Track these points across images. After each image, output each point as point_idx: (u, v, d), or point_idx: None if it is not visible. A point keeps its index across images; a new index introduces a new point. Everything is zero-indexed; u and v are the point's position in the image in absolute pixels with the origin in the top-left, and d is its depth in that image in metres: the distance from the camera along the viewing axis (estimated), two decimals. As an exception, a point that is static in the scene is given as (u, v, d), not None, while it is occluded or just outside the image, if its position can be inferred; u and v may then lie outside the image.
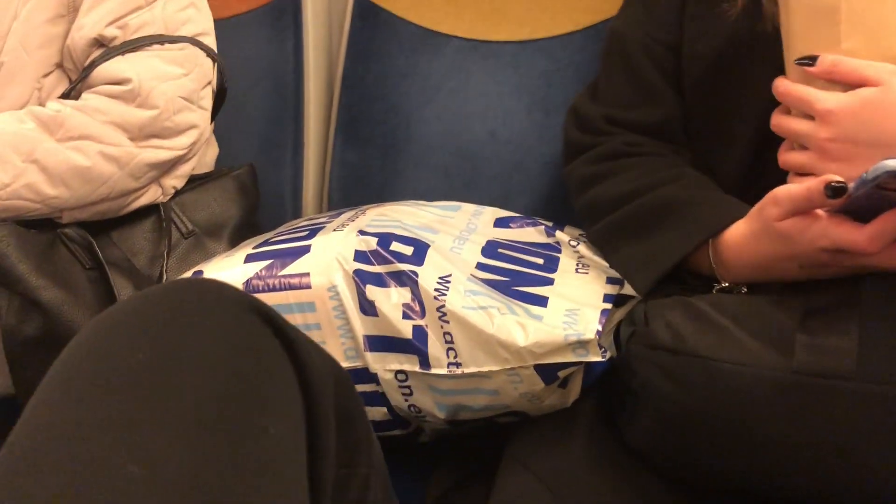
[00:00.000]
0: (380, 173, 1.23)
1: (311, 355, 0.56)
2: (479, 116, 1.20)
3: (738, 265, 0.74)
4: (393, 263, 0.79)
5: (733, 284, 0.75)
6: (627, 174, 0.86)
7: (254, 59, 1.28)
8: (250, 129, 1.28)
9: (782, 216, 0.68)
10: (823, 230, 0.65)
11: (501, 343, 0.74)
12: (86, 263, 0.92)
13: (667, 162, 0.87)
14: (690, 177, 0.84)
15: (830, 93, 0.69)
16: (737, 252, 0.74)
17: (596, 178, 0.89)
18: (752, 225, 0.72)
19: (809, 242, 0.66)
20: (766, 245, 0.70)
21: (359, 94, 1.25)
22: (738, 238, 0.74)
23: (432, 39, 1.23)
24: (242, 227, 1.05)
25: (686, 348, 0.67)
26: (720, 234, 0.75)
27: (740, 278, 0.75)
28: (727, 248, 0.75)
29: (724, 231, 0.75)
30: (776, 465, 0.66)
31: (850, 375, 0.61)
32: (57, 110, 0.89)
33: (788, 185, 0.67)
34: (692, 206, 0.79)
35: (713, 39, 0.81)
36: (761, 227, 0.70)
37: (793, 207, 0.67)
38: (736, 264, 0.74)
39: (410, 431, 0.88)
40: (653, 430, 0.73)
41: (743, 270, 0.74)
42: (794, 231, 0.67)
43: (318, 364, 0.57)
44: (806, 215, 0.66)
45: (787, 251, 0.69)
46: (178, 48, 0.95)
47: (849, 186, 0.61)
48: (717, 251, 0.76)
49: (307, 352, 0.56)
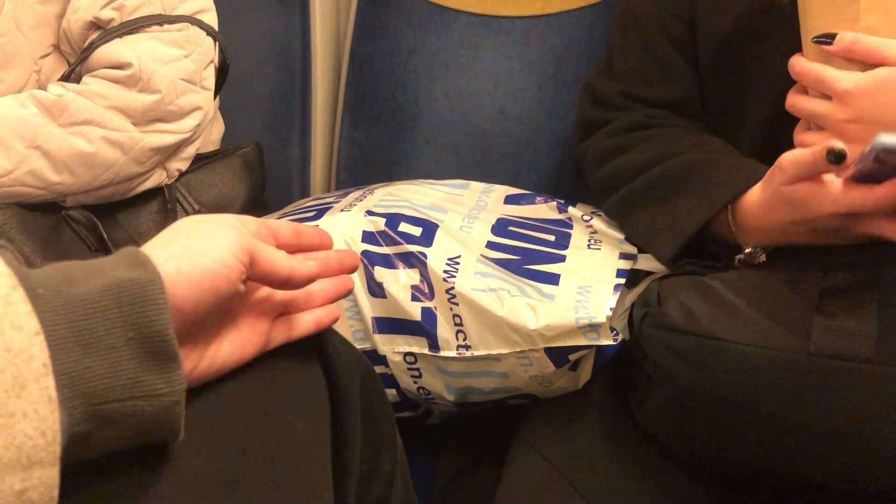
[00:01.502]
0: (388, 152, 1.22)
1: (338, 351, 0.56)
2: (488, 93, 1.18)
3: (756, 229, 0.73)
4: (401, 244, 0.78)
5: (755, 249, 0.74)
6: (650, 143, 0.84)
7: (261, 36, 1.27)
8: (257, 107, 1.27)
9: (788, 181, 0.66)
10: (832, 195, 0.64)
11: (511, 326, 0.73)
12: (91, 245, 0.92)
13: (689, 131, 0.85)
14: (713, 143, 0.82)
15: (848, 73, 0.67)
16: (753, 216, 0.73)
17: (617, 149, 0.87)
18: (764, 190, 0.71)
19: (818, 207, 0.65)
20: (778, 210, 0.69)
21: (367, 71, 1.23)
22: (754, 202, 0.73)
23: (441, 15, 1.21)
24: (249, 206, 1.04)
25: (700, 329, 0.66)
26: (739, 198, 0.74)
27: (760, 242, 0.74)
28: (744, 212, 0.73)
29: (743, 195, 0.74)
30: (791, 447, 0.65)
31: (869, 358, 0.60)
32: (59, 95, 0.88)
33: (794, 150, 0.66)
34: (715, 169, 0.77)
35: (729, 16, 0.79)
36: (772, 193, 0.69)
37: (797, 173, 0.65)
38: (753, 228, 0.73)
39: (420, 413, 0.87)
40: (665, 412, 0.72)
41: (760, 235, 0.73)
42: (801, 196, 0.66)
43: (345, 360, 0.57)
44: (813, 181, 0.65)
45: (798, 216, 0.67)
46: (177, 29, 0.94)
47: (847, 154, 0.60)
48: (736, 215, 0.74)
49: (335, 347, 0.56)
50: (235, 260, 0.45)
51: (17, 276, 0.37)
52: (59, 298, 0.38)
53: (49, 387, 0.35)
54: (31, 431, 0.35)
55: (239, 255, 0.46)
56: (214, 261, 0.44)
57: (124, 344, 0.39)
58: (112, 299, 0.39)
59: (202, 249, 0.45)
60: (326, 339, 0.55)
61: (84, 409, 0.38)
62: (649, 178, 0.81)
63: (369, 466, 0.58)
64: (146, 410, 0.40)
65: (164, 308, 0.40)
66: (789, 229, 0.70)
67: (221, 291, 0.45)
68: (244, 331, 0.50)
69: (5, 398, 0.34)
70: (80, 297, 0.38)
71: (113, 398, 0.39)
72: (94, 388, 0.38)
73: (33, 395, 0.35)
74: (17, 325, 0.35)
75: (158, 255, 0.43)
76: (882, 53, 0.65)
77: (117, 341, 0.39)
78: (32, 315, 0.36)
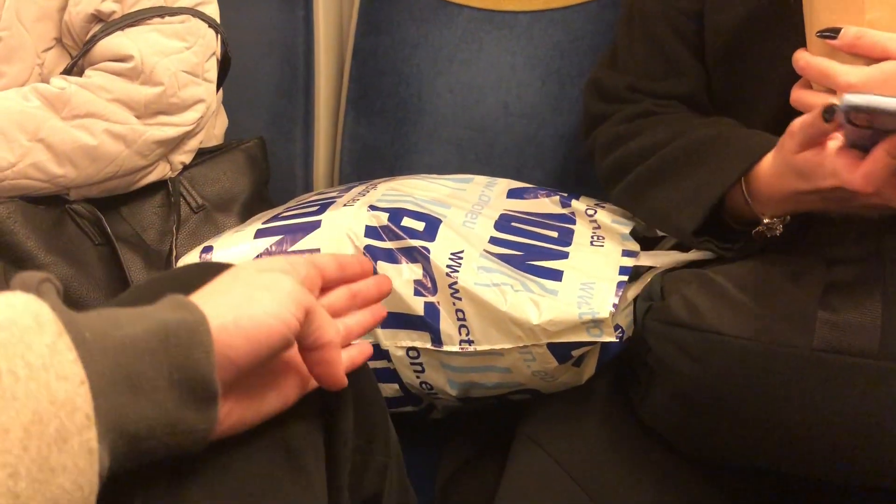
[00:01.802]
0: (391, 147, 1.22)
1: None
2: (491, 88, 1.18)
3: (770, 198, 0.72)
4: (404, 239, 0.78)
5: (772, 220, 0.73)
6: (659, 126, 0.84)
7: (263, 30, 1.27)
8: (260, 101, 1.26)
9: (798, 148, 0.65)
10: (832, 169, 0.63)
11: (514, 321, 0.73)
12: (95, 239, 0.92)
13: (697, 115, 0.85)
14: (723, 120, 0.82)
15: (853, 67, 0.67)
16: (767, 185, 0.71)
17: (626, 135, 0.86)
18: (775, 159, 0.70)
19: (822, 179, 0.64)
20: (789, 179, 0.68)
21: (370, 66, 1.23)
22: (767, 171, 0.71)
23: (444, 9, 1.20)
24: (252, 201, 1.04)
25: (703, 324, 0.66)
26: (752, 168, 0.73)
27: (775, 212, 0.72)
28: (759, 181, 0.72)
29: (756, 165, 0.72)
30: (794, 443, 0.65)
31: (873, 353, 0.60)
32: (62, 87, 0.88)
33: (803, 115, 0.65)
34: (728, 141, 0.77)
35: (737, 10, 0.79)
36: (783, 162, 0.68)
37: (804, 136, 0.64)
38: (768, 198, 0.72)
39: (422, 408, 0.87)
40: (668, 407, 0.72)
41: (774, 204, 0.72)
42: (809, 167, 0.65)
43: None
44: (818, 151, 0.64)
45: (807, 186, 0.66)
46: (178, 20, 0.93)
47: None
48: (751, 186, 0.73)
49: None
50: (293, 317, 0.45)
51: (62, 321, 0.36)
52: (108, 342, 0.38)
53: (91, 439, 0.36)
54: (69, 485, 0.35)
55: (296, 313, 0.46)
56: (273, 316, 0.45)
57: (169, 385, 0.40)
58: (159, 342, 0.40)
59: (261, 302, 0.45)
60: None
61: (125, 449, 0.38)
62: (663, 157, 0.80)
63: (362, 457, 0.58)
64: (182, 444, 0.41)
65: (211, 351, 0.41)
66: (803, 198, 0.68)
67: (276, 346, 0.45)
68: (289, 377, 0.51)
69: (47, 452, 0.34)
70: (128, 339, 0.39)
71: (154, 436, 0.39)
72: (137, 430, 0.39)
73: (74, 448, 0.35)
74: (63, 374, 0.35)
75: (218, 303, 0.44)
76: (887, 47, 0.65)
77: (163, 383, 0.40)
78: (77, 363, 0.36)
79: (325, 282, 0.54)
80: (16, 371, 0.34)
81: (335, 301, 0.56)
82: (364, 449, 0.59)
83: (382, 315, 0.60)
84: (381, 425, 0.61)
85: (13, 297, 0.36)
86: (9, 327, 0.35)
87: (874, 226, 0.67)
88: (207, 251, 0.83)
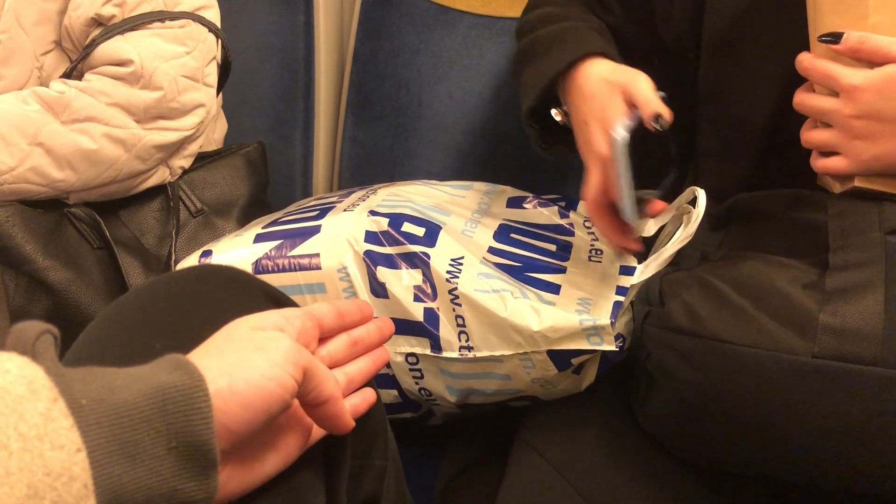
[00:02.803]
0: (391, 152, 1.22)
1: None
2: (491, 94, 1.18)
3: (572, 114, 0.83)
4: (404, 245, 0.78)
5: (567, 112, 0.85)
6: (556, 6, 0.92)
7: (264, 35, 1.27)
8: (260, 105, 1.26)
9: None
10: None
11: (515, 327, 0.73)
12: (94, 243, 0.91)
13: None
14: (594, 22, 0.89)
15: (856, 69, 0.67)
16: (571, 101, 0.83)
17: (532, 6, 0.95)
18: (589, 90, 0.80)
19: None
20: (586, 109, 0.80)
21: (370, 71, 1.23)
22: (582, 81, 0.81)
23: (445, 15, 1.20)
24: (252, 205, 1.04)
25: (703, 331, 0.65)
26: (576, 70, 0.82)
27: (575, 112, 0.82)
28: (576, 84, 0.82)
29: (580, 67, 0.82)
30: (794, 450, 0.64)
31: (874, 361, 0.60)
32: (61, 91, 0.88)
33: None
34: (577, 33, 0.85)
35: None
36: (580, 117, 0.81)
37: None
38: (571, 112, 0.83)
39: (421, 414, 0.87)
40: (668, 413, 0.71)
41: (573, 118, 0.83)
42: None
43: None
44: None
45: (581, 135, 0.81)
46: (178, 25, 0.94)
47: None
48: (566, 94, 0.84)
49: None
50: (290, 378, 0.44)
51: (58, 387, 0.35)
52: (103, 408, 0.37)
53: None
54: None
55: (294, 374, 0.44)
56: (269, 379, 0.43)
57: (167, 453, 0.39)
58: (156, 408, 0.38)
59: (257, 365, 0.43)
60: None
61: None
62: (534, 38, 0.89)
63: (360, 462, 0.58)
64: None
65: (209, 416, 0.39)
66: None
67: (273, 411, 0.44)
68: (289, 433, 0.49)
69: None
70: (124, 406, 0.37)
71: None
72: (135, 498, 0.37)
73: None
74: (58, 443, 0.34)
75: (211, 367, 0.42)
76: (890, 51, 0.65)
77: (161, 451, 0.38)
78: (74, 430, 0.35)
79: (323, 331, 0.53)
80: (9, 445, 0.33)
81: (335, 350, 0.54)
82: (363, 453, 0.58)
83: (385, 360, 0.58)
84: (380, 430, 0.61)
85: (7, 362, 0.35)
86: (2, 397, 0.34)
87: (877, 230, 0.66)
88: (206, 255, 0.83)
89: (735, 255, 0.73)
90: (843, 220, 0.69)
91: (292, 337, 0.47)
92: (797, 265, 0.68)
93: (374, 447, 0.60)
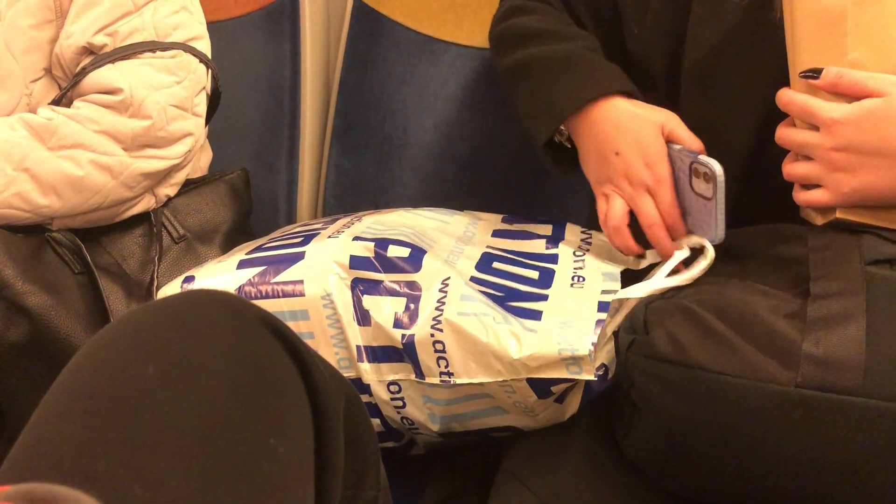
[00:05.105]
0: (375, 180, 1.22)
1: (322, 373, 0.55)
2: (476, 124, 1.19)
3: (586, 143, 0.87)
4: (390, 269, 0.78)
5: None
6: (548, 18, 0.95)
7: (250, 64, 1.27)
8: (245, 133, 1.27)
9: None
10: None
11: (495, 354, 0.72)
12: (74, 268, 0.90)
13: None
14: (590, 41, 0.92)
15: (835, 104, 0.68)
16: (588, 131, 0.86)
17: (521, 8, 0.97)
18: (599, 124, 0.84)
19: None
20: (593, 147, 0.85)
21: (356, 100, 1.24)
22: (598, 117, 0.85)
23: (431, 46, 1.21)
24: (234, 232, 1.04)
25: (687, 359, 0.65)
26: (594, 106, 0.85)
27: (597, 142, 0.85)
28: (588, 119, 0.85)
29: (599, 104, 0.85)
30: (778, 481, 0.64)
31: (856, 391, 0.60)
32: (49, 118, 0.88)
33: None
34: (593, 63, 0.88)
35: (720, 24, 0.80)
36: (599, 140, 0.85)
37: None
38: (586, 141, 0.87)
39: (403, 443, 0.86)
40: (651, 442, 0.71)
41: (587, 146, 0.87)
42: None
43: (329, 383, 0.56)
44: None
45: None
46: (169, 55, 0.94)
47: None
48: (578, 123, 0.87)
49: (319, 370, 0.55)
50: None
51: None
52: None
53: None
54: None
55: None
56: None
57: None
58: None
59: None
60: (309, 361, 0.54)
61: None
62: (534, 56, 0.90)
63: (353, 492, 0.57)
64: None
65: None
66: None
67: None
68: None
69: None
70: None
71: None
72: None
73: None
74: None
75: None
76: (867, 86, 0.66)
77: None
78: None
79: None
80: None
81: None
82: (355, 483, 0.58)
83: None
84: (372, 460, 0.60)
85: None
86: None
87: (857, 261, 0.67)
88: (189, 281, 0.82)
89: (718, 283, 0.73)
90: (825, 252, 0.69)
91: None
92: (780, 295, 0.69)
93: (366, 476, 0.59)
